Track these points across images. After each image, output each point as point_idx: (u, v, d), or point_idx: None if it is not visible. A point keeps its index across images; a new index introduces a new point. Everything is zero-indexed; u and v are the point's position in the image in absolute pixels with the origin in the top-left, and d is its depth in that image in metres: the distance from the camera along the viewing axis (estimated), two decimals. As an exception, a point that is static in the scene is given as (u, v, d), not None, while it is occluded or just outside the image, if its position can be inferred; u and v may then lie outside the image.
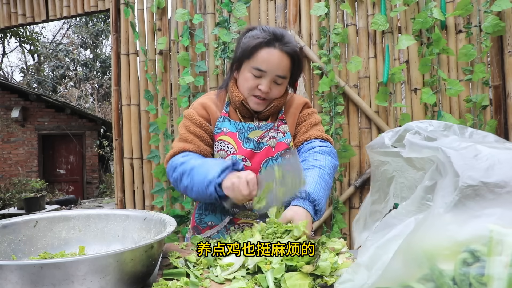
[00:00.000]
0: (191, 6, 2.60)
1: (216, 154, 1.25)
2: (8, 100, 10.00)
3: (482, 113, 2.32)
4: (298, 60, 1.23)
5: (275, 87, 1.21)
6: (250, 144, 1.23)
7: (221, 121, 1.27)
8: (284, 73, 1.20)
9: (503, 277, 0.45)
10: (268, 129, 1.26)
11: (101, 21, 16.07)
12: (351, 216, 2.58)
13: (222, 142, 1.25)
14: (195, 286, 0.81)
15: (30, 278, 0.69)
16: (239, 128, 1.25)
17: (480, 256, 0.47)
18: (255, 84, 1.19)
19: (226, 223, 1.27)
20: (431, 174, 0.58)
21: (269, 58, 1.16)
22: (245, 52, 1.20)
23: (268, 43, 1.16)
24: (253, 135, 1.24)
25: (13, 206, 7.08)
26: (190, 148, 1.22)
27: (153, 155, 2.60)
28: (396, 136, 0.69)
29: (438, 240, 0.50)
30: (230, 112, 1.29)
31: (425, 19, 2.25)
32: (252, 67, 1.18)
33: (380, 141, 0.68)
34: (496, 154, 0.54)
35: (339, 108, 2.46)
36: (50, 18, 3.03)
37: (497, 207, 0.49)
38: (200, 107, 1.29)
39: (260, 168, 1.23)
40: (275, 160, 1.24)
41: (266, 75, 1.18)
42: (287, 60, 1.19)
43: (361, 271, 0.61)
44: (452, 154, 0.54)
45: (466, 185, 0.50)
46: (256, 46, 1.17)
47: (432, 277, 0.50)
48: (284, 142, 1.26)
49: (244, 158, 1.22)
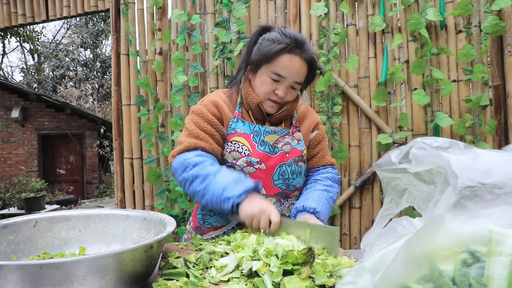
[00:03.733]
0: (191, 6, 2.59)
1: (228, 155, 1.22)
2: (8, 100, 10.00)
3: (481, 113, 2.32)
4: (315, 67, 1.25)
5: (290, 92, 1.22)
6: (265, 148, 1.23)
7: (235, 122, 1.25)
8: (301, 79, 1.22)
9: (503, 278, 0.45)
10: (283, 134, 1.27)
11: (101, 21, 16.07)
12: (351, 216, 2.58)
13: (236, 143, 1.22)
14: (194, 286, 0.81)
15: (29, 278, 0.69)
16: (255, 130, 1.24)
17: (480, 256, 0.47)
18: (272, 89, 1.20)
19: (234, 225, 1.27)
20: (440, 187, 0.58)
21: (290, 64, 1.17)
22: (265, 56, 1.18)
23: (290, 49, 1.17)
24: (269, 138, 1.24)
25: (13, 206, 7.08)
26: (203, 146, 1.18)
27: (150, 160, 2.59)
28: (403, 154, 0.68)
29: (437, 240, 0.50)
30: (243, 113, 1.27)
31: (417, 20, 2.25)
32: (272, 71, 1.18)
33: (387, 159, 0.68)
34: (495, 157, 0.54)
35: (337, 108, 2.45)
36: (50, 18, 3.03)
37: (496, 207, 0.49)
38: (212, 105, 1.25)
39: (273, 172, 1.23)
40: (289, 166, 1.25)
41: (284, 80, 1.19)
42: (305, 67, 1.20)
43: (365, 275, 0.61)
44: (451, 158, 0.54)
45: (464, 186, 0.50)
46: (278, 51, 1.16)
47: (431, 278, 0.50)
48: (298, 149, 1.27)
49: (259, 161, 1.22)
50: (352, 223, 2.58)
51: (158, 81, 2.66)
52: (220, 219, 1.29)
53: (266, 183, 1.23)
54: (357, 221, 2.57)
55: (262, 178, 1.22)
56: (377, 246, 0.62)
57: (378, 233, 0.72)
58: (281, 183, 1.25)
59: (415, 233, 0.54)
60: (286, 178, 1.25)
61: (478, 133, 2.34)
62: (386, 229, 0.73)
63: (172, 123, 2.49)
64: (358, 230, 2.58)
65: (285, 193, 1.27)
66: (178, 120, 2.49)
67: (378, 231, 0.73)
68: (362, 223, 2.57)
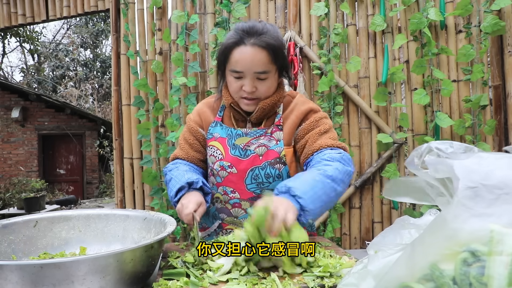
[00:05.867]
0: (191, 6, 2.59)
1: (209, 159, 1.27)
2: (8, 100, 10.00)
3: (481, 113, 2.32)
4: (276, 49, 1.12)
5: (260, 83, 1.14)
6: (236, 151, 1.20)
7: (213, 126, 1.26)
8: (263, 68, 1.11)
9: (503, 277, 0.45)
10: (257, 135, 1.20)
11: (101, 21, 16.06)
12: (351, 216, 2.58)
13: (212, 148, 1.24)
14: (195, 286, 0.81)
15: (30, 278, 0.69)
16: (228, 133, 1.23)
17: (480, 256, 0.47)
18: (238, 86, 1.15)
19: (215, 227, 1.29)
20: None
21: (241, 57, 1.11)
22: (221, 57, 1.17)
23: (237, 42, 1.11)
24: (239, 141, 1.20)
25: (13, 206, 7.07)
26: (180, 155, 1.30)
27: (146, 161, 2.58)
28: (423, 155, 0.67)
29: (438, 240, 0.50)
30: (224, 117, 1.27)
31: (419, 19, 2.25)
32: (230, 70, 1.15)
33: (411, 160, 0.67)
34: (497, 159, 0.55)
35: (338, 108, 2.46)
36: (50, 18, 3.03)
37: (496, 207, 0.49)
38: (196, 113, 1.32)
39: (245, 176, 1.18)
40: (262, 169, 1.17)
41: (245, 75, 1.13)
42: (261, 54, 1.10)
43: (368, 279, 0.61)
44: (455, 163, 0.54)
45: (465, 187, 0.50)
46: (227, 48, 1.14)
47: (432, 277, 0.50)
48: (275, 150, 1.18)
49: (230, 164, 1.20)
50: (352, 223, 2.58)
51: (158, 81, 2.66)
52: (207, 220, 1.32)
53: (239, 187, 1.20)
54: (357, 221, 2.57)
55: (235, 182, 1.20)
56: (383, 252, 0.62)
57: (382, 233, 0.72)
58: (255, 187, 1.19)
59: (419, 236, 0.54)
60: (260, 182, 1.18)
61: (478, 133, 2.34)
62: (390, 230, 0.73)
63: (169, 123, 2.49)
64: (358, 230, 2.58)
65: (260, 198, 1.14)
66: (175, 120, 2.49)
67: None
68: (362, 223, 2.57)
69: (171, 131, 2.52)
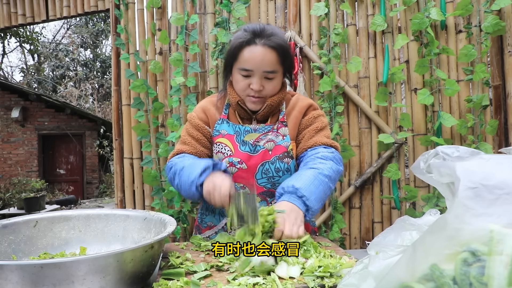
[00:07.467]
0: (191, 6, 2.59)
1: (215, 156, 1.27)
2: (8, 100, 10.00)
3: (482, 113, 2.32)
4: (285, 51, 1.20)
5: (267, 83, 1.20)
6: (246, 147, 1.23)
7: (220, 123, 1.28)
8: (272, 68, 1.18)
9: (504, 277, 0.45)
10: (265, 131, 1.25)
11: (101, 21, 16.06)
12: (351, 216, 2.58)
13: (220, 145, 1.25)
14: (195, 286, 0.81)
15: (30, 278, 0.69)
16: (236, 130, 1.26)
17: (480, 255, 0.47)
18: (246, 85, 1.20)
19: (223, 225, 1.29)
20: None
21: (251, 56, 1.16)
22: (230, 55, 1.21)
23: (248, 41, 1.16)
24: (248, 137, 1.24)
25: (13, 206, 7.07)
26: (187, 150, 1.27)
27: (147, 161, 2.58)
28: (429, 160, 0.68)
29: (439, 239, 0.50)
30: (230, 114, 1.30)
31: (421, 19, 2.25)
32: (239, 68, 1.19)
33: (417, 165, 0.68)
34: (499, 160, 0.55)
35: (339, 108, 2.46)
36: (50, 18, 3.03)
37: (497, 207, 0.49)
38: (200, 110, 1.32)
39: (255, 171, 1.22)
40: (272, 163, 1.22)
41: (253, 73, 1.18)
42: (271, 54, 1.16)
43: (368, 280, 0.61)
44: (457, 164, 0.55)
45: (466, 187, 0.51)
46: (238, 47, 1.18)
47: (432, 277, 0.50)
48: (282, 145, 1.24)
49: (240, 160, 1.22)
50: (352, 223, 2.58)
51: (158, 81, 2.66)
52: (213, 219, 1.32)
53: (249, 182, 1.23)
54: (357, 221, 2.57)
55: (245, 177, 1.23)
56: (384, 253, 0.62)
57: (382, 233, 0.72)
58: (266, 182, 1.24)
59: (420, 236, 0.54)
60: (270, 176, 1.23)
61: (480, 133, 2.34)
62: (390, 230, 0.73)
63: (170, 123, 2.49)
64: (358, 230, 2.58)
65: (271, 192, 1.26)
66: (175, 120, 2.49)
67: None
68: (362, 223, 2.57)
69: (172, 131, 2.52)
